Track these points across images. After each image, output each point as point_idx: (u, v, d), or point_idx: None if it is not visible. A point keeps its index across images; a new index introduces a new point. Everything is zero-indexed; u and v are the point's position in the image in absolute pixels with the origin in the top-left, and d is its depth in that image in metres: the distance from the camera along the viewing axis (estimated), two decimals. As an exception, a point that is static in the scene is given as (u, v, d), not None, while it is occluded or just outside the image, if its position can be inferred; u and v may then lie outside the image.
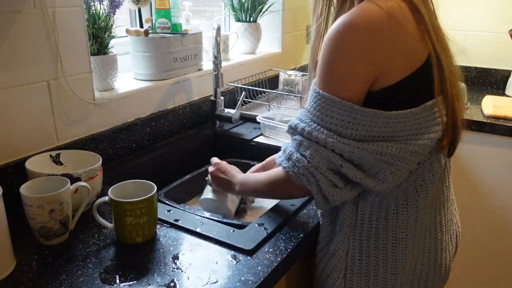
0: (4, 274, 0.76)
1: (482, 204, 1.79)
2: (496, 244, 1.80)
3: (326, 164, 0.77)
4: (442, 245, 0.89)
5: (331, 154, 0.76)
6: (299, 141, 0.79)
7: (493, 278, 1.84)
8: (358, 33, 0.71)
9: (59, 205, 0.82)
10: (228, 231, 0.90)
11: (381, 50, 0.72)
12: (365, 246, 0.86)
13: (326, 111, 0.76)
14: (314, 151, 0.77)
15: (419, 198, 0.82)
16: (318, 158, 0.77)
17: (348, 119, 0.75)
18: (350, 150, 0.75)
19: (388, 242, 0.84)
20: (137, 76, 1.41)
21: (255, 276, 0.77)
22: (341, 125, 0.75)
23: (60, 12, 1.04)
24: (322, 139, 0.76)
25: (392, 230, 0.84)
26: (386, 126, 0.75)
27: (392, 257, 0.84)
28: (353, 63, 0.73)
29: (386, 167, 0.76)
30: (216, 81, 1.47)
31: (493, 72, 2.16)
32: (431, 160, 0.82)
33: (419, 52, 0.75)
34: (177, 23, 1.42)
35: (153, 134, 1.37)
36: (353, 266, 0.87)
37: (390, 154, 0.75)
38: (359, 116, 0.74)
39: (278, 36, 2.05)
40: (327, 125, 0.76)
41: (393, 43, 0.72)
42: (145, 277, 0.76)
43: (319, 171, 0.77)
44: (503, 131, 1.65)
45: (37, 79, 1.03)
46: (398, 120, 0.75)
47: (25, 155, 1.02)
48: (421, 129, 0.77)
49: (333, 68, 0.75)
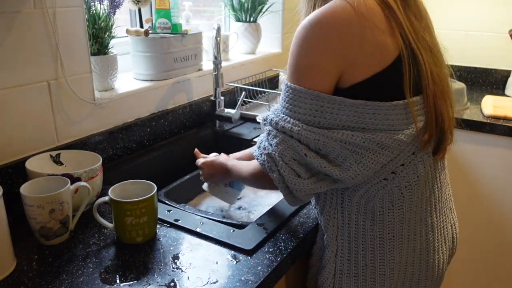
0: (4, 274, 0.76)
1: (482, 204, 1.79)
2: (496, 244, 1.80)
3: (291, 154, 0.78)
4: (434, 247, 0.88)
5: (297, 143, 0.77)
6: (269, 130, 0.81)
7: (493, 278, 1.84)
8: (322, 27, 0.73)
9: (59, 205, 0.83)
10: (228, 231, 0.90)
11: (346, 44, 0.73)
12: (354, 246, 0.86)
13: (294, 101, 0.77)
14: (281, 140, 0.78)
15: (404, 200, 0.82)
16: (283, 147, 0.78)
17: (316, 107, 0.75)
18: (316, 138, 0.75)
19: (375, 243, 0.84)
20: (137, 76, 1.41)
21: (255, 276, 0.77)
22: (309, 113, 0.76)
23: (60, 12, 1.04)
24: (288, 128, 0.77)
25: (379, 231, 0.83)
26: (354, 115, 0.75)
27: (380, 258, 0.84)
28: (318, 56, 0.75)
29: (351, 156, 0.76)
30: (216, 81, 1.47)
31: (493, 72, 2.16)
32: (415, 162, 0.80)
33: (389, 49, 0.75)
34: (177, 23, 1.42)
35: (153, 134, 1.37)
36: (342, 266, 0.87)
37: (355, 144, 0.75)
38: (327, 104, 0.75)
39: (278, 36, 2.05)
40: (295, 115, 0.77)
41: (358, 37, 0.73)
42: (145, 277, 0.76)
43: (282, 160, 0.78)
44: (503, 131, 1.65)
45: (37, 79, 1.03)
46: (367, 110, 0.74)
47: (25, 155, 1.02)
48: (393, 125, 0.76)
49: (299, 61, 0.76)
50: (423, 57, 0.76)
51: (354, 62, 0.74)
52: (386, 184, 0.80)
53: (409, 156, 0.80)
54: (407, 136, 0.77)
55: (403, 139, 0.76)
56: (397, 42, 0.75)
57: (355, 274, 0.86)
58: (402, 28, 0.75)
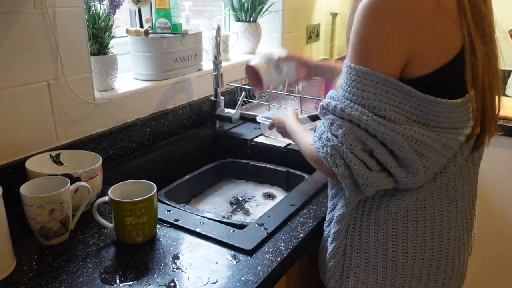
0: (4, 274, 0.76)
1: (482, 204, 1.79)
2: (496, 244, 1.80)
3: (361, 145, 0.72)
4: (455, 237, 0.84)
5: (365, 135, 0.71)
6: (331, 120, 0.75)
7: (493, 278, 1.84)
8: (394, 4, 0.67)
9: (59, 205, 0.83)
10: (228, 231, 0.90)
11: (418, 27, 0.68)
12: (366, 221, 0.83)
13: (358, 84, 0.71)
14: (347, 130, 0.72)
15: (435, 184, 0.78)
16: (351, 138, 0.72)
17: (381, 92, 0.70)
18: (385, 132, 0.70)
19: (389, 219, 0.80)
20: (137, 76, 1.41)
21: (255, 276, 0.77)
22: (374, 98, 0.70)
23: (60, 12, 1.04)
24: (356, 116, 0.71)
25: (395, 207, 0.80)
26: (417, 108, 0.70)
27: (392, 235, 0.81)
28: (387, 35, 0.68)
29: (418, 160, 0.71)
30: (216, 81, 1.47)
31: (493, 72, 2.16)
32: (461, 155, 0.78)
33: (455, 39, 0.70)
34: (177, 23, 1.42)
35: (153, 134, 1.37)
36: (353, 241, 0.85)
37: (425, 144, 0.70)
38: (392, 90, 0.70)
39: (278, 36, 2.05)
40: (360, 100, 0.71)
41: (431, 23, 0.67)
42: (145, 277, 0.76)
43: (351, 151, 0.72)
44: (503, 131, 1.65)
45: (37, 79, 1.03)
46: (431, 106, 0.70)
47: (25, 155, 1.02)
48: (453, 123, 0.73)
49: (366, 38, 0.70)
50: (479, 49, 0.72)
51: (422, 49, 0.69)
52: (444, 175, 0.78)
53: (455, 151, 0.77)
54: (464, 136, 0.74)
55: (462, 139, 0.74)
56: (461, 33, 0.69)
57: (366, 250, 0.84)
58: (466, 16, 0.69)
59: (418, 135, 0.70)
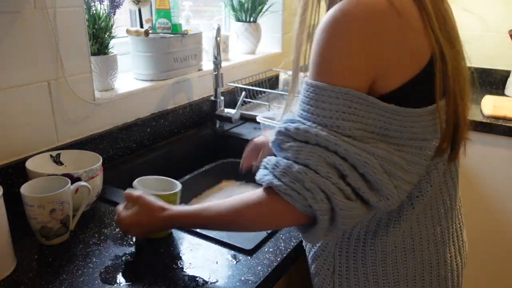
0: (4, 274, 0.76)
1: (482, 204, 1.79)
2: (496, 244, 1.80)
3: (336, 172, 0.64)
4: (445, 258, 0.81)
5: (337, 159, 0.63)
6: (296, 147, 0.65)
7: (493, 278, 1.84)
8: (358, 22, 0.63)
9: (60, 205, 0.83)
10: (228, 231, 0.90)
11: (383, 43, 0.64)
12: (352, 263, 0.78)
13: (317, 102, 0.64)
14: (319, 157, 0.63)
15: (413, 211, 0.74)
16: (325, 165, 0.63)
17: (343, 108, 0.63)
18: (356, 152, 0.62)
19: (377, 257, 0.76)
20: (137, 76, 1.41)
21: (255, 276, 0.77)
22: (337, 116, 0.63)
23: (61, 12, 1.04)
24: (323, 137, 0.63)
25: (381, 245, 0.75)
26: (380, 120, 0.65)
27: (382, 273, 0.77)
28: (352, 55, 0.64)
29: (389, 180, 0.65)
30: (216, 81, 1.47)
31: (493, 72, 2.16)
32: (428, 169, 0.72)
33: (422, 50, 0.66)
34: (177, 23, 1.42)
35: (153, 134, 1.37)
36: (341, 285, 0.80)
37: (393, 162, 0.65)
38: (355, 104, 0.63)
39: (278, 36, 2.05)
40: (321, 119, 0.64)
41: (397, 36, 0.64)
42: (145, 277, 0.76)
43: (331, 182, 0.63)
44: (503, 131, 1.65)
45: (38, 79, 1.03)
46: (394, 116, 0.65)
47: (26, 155, 1.02)
48: (417, 133, 0.67)
49: (328, 60, 0.65)
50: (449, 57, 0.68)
51: (388, 66, 0.65)
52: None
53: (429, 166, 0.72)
54: (432, 149, 0.69)
55: (430, 154, 0.68)
56: (429, 43, 0.66)
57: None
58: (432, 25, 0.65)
59: (386, 154, 0.64)
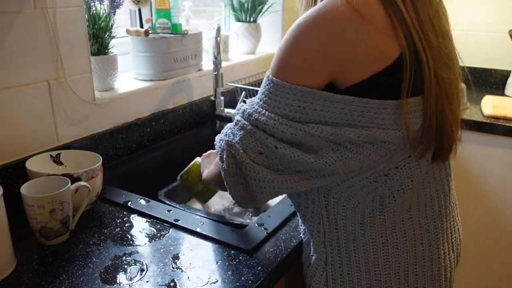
0: (4, 274, 0.76)
1: (482, 204, 1.79)
2: (496, 244, 1.80)
3: (258, 148, 0.73)
4: (439, 255, 0.83)
5: (265, 136, 0.72)
6: (237, 120, 0.76)
7: (493, 278, 1.84)
8: (315, 26, 0.69)
9: (60, 205, 0.83)
10: (228, 231, 0.90)
11: (339, 46, 0.69)
12: (345, 252, 0.81)
13: (274, 96, 0.72)
14: (247, 132, 0.73)
15: (396, 203, 0.77)
16: (249, 140, 0.73)
17: (299, 103, 0.70)
18: (293, 133, 0.70)
19: (368, 247, 0.79)
20: (137, 76, 1.41)
21: (255, 276, 0.77)
22: (290, 109, 0.71)
23: (61, 12, 1.04)
24: (263, 121, 0.72)
25: (371, 235, 0.79)
26: (341, 112, 0.70)
27: (374, 262, 0.80)
28: (309, 56, 0.70)
29: (328, 145, 0.71)
30: (216, 81, 1.47)
31: (493, 72, 2.16)
32: (410, 165, 0.76)
33: (388, 50, 0.70)
34: (177, 23, 1.42)
35: (153, 134, 1.37)
36: (334, 274, 0.82)
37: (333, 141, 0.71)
38: (310, 99, 0.70)
39: (278, 36, 2.05)
40: (273, 109, 0.72)
41: (353, 40, 0.68)
42: (145, 277, 0.76)
43: (244, 151, 0.73)
44: (503, 131, 1.65)
45: (38, 79, 1.03)
46: (355, 107, 0.70)
47: (25, 155, 1.02)
48: (382, 124, 0.71)
49: (287, 57, 0.72)
50: (427, 57, 0.71)
51: (346, 65, 0.70)
52: (377, 187, 0.76)
53: (404, 159, 0.75)
54: (393, 137, 0.71)
55: (388, 139, 0.71)
56: (398, 43, 0.70)
57: (350, 281, 0.82)
58: (407, 26, 0.70)
59: (326, 134, 0.70)
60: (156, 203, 1.01)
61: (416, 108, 0.73)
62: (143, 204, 1.00)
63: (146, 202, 1.01)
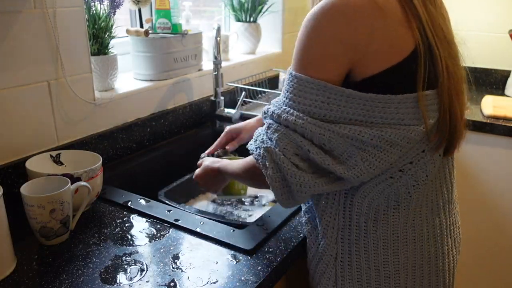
0: (4, 274, 0.76)
1: (482, 204, 1.79)
2: (496, 244, 1.80)
3: (294, 149, 0.73)
4: (443, 250, 0.84)
5: (299, 138, 0.73)
6: (268, 124, 0.77)
7: (493, 278, 1.84)
8: (333, 15, 0.70)
9: (60, 205, 0.83)
10: (228, 231, 0.90)
11: (357, 34, 0.69)
12: (355, 249, 0.81)
13: (299, 92, 0.73)
14: (282, 134, 0.73)
15: (411, 199, 0.78)
16: (285, 142, 0.73)
17: (322, 98, 0.71)
18: (321, 132, 0.71)
19: (379, 245, 0.80)
20: (137, 76, 1.41)
21: (255, 276, 0.77)
22: (315, 105, 0.72)
23: (61, 12, 1.04)
24: (292, 121, 0.73)
25: (383, 232, 0.80)
26: (363, 109, 0.71)
27: (383, 260, 0.81)
28: (327, 44, 0.71)
29: (357, 153, 0.72)
30: (216, 81, 1.47)
31: (493, 72, 2.16)
32: (425, 160, 0.76)
33: (403, 42, 0.71)
34: (177, 23, 1.42)
35: (153, 134, 1.37)
36: (343, 271, 0.83)
37: (361, 141, 0.71)
38: (333, 95, 0.71)
39: (278, 36, 2.05)
40: (299, 106, 0.73)
41: (370, 28, 0.69)
42: (145, 277, 0.76)
43: (283, 154, 0.73)
44: (503, 131, 1.66)
45: (38, 79, 1.03)
46: (376, 104, 0.71)
47: (25, 155, 1.02)
48: (403, 119, 0.72)
49: (307, 49, 0.73)
50: (439, 51, 0.72)
51: (364, 54, 0.70)
52: (393, 183, 0.76)
53: (418, 154, 0.76)
54: (417, 133, 0.72)
55: (413, 136, 0.72)
56: (413, 35, 0.70)
57: (358, 278, 0.82)
58: (420, 20, 0.71)
59: (354, 133, 0.71)
60: (156, 203, 1.01)
61: (432, 102, 0.74)
62: (143, 204, 1.00)
63: (146, 202, 1.01)
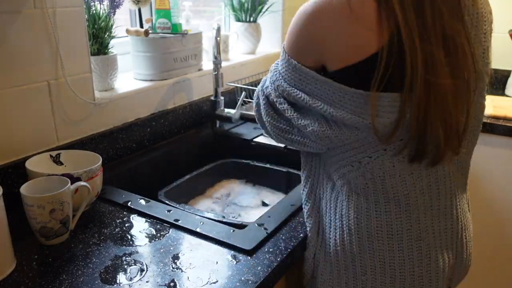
0: (4, 274, 0.76)
1: (482, 204, 1.79)
2: (496, 244, 1.80)
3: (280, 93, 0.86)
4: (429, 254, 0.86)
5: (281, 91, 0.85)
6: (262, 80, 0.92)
7: (494, 278, 1.84)
8: (311, 19, 0.78)
9: (60, 205, 0.83)
10: (228, 231, 0.90)
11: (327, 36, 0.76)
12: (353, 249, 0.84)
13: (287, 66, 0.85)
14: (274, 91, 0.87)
15: (368, 191, 0.81)
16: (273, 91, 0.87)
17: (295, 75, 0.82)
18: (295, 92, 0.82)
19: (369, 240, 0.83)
20: (137, 76, 1.41)
21: (255, 276, 0.77)
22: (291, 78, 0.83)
23: (60, 12, 1.04)
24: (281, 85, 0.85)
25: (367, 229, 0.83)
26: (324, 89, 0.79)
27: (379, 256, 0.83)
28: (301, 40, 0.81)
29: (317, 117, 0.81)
30: (216, 81, 1.47)
31: (493, 72, 2.16)
32: (383, 158, 0.78)
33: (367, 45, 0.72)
34: (177, 23, 1.42)
35: (153, 134, 1.37)
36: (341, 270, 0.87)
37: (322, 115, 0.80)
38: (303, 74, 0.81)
39: (278, 36, 2.05)
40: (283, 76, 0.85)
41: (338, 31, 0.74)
42: (145, 277, 0.76)
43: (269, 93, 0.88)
44: (503, 131, 1.65)
45: (37, 79, 1.03)
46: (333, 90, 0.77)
47: (25, 155, 1.02)
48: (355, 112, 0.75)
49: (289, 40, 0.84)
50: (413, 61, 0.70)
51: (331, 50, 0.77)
52: (352, 170, 0.81)
53: (377, 151, 0.78)
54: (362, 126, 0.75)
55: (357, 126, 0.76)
56: (378, 40, 0.71)
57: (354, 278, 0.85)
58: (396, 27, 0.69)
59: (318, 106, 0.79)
60: (156, 203, 1.01)
61: (390, 104, 0.73)
62: (143, 204, 1.00)
63: (146, 202, 1.01)
